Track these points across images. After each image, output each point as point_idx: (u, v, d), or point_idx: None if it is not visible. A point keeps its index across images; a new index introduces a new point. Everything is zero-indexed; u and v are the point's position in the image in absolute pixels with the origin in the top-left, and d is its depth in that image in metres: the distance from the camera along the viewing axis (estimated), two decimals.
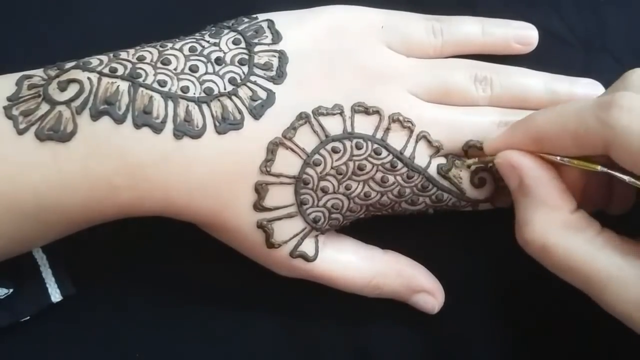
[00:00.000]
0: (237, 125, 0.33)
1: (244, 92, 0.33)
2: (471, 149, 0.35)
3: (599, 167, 0.31)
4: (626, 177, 0.30)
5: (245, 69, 0.34)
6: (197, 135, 0.32)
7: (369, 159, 0.34)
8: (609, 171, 0.31)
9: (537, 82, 0.37)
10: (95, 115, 0.31)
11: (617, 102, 0.29)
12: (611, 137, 0.29)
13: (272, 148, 0.33)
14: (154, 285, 0.39)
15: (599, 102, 0.30)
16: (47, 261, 0.38)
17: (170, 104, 0.32)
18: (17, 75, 0.33)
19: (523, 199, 0.32)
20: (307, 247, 0.35)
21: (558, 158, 0.32)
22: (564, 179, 0.32)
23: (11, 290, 0.37)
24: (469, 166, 0.35)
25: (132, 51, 0.34)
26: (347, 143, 0.34)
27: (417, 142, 0.35)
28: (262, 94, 0.33)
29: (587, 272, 0.30)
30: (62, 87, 0.32)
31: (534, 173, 0.32)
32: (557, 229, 0.31)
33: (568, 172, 0.33)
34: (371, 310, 0.38)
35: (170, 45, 0.34)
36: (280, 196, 0.34)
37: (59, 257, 0.38)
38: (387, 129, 0.34)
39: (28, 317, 0.37)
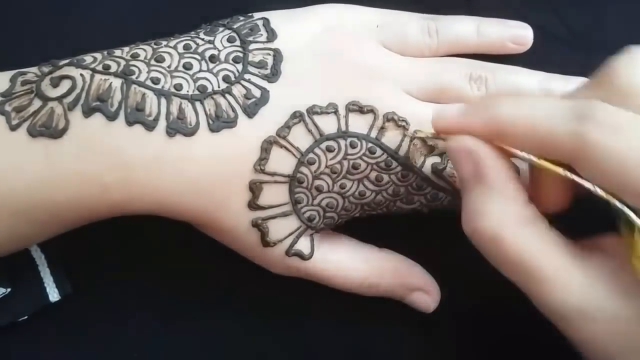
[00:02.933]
0: (230, 123, 0.33)
1: (238, 90, 0.33)
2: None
3: (562, 171, 0.29)
4: (591, 186, 0.28)
5: (240, 66, 0.34)
6: (190, 133, 0.32)
7: (364, 157, 0.34)
8: (575, 178, 0.28)
9: (532, 81, 0.37)
10: (87, 112, 0.31)
11: (593, 114, 0.27)
12: (581, 150, 0.27)
13: (266, 147, 0.33)
14: (152, 284, 0.39)
15: (574, 110, 0.28)
16: (45, 260, 0.38)
17: (163, 102, 0.32)
18: (12, 72, 0.33)
19: (477, 187, 0.30)
20: (303, 245, 0.35)
21: (522, 153, 0.29)
22: None
23: (9, 289, 0.37)
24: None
25: (126, 49, 0.34)
26: (342, 142, 0.34)
27: (411, 141, 0.35)
28: (256, 92, 0.34)
29: (534, 268, 0.28)
30: (55, 84, 0.32)
31: (492, 162, 0.29)
32: (511, 220, 0.29)
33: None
34: (367, 310, 0.38)
35: (164, 43, 0.34)
36: (275, 195, 0.34)
37: (57, 257, 0.38)
38: (382, 128, 0.34)
39: (26, 317, 0.37)
